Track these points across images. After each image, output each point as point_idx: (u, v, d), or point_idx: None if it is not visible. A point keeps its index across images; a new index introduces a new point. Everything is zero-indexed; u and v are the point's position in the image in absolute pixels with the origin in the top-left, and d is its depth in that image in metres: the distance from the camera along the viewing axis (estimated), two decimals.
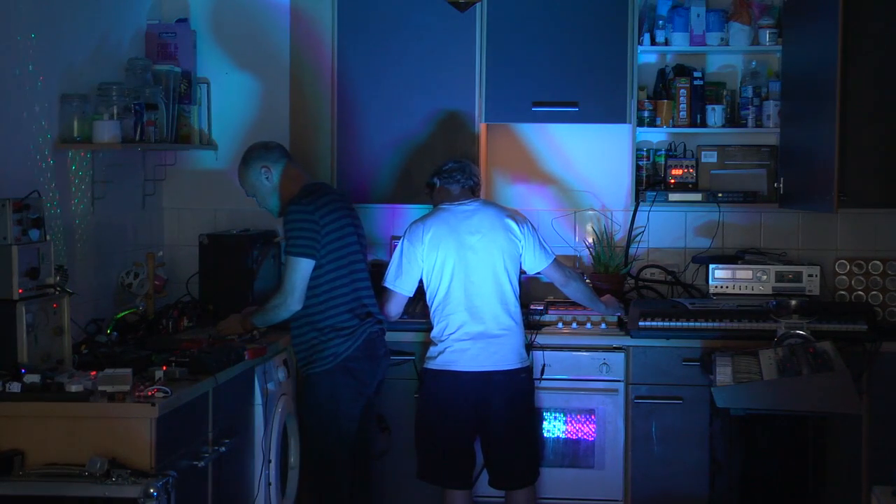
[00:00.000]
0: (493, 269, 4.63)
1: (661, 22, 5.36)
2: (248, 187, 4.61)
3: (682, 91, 5.36)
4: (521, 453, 4.72)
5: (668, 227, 5.56)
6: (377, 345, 4.60)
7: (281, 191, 4.55)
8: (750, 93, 5.38)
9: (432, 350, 4.67)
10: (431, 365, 4.65)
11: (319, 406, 4.50)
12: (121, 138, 4.51)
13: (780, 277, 5.30)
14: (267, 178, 4.55)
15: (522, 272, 4.77)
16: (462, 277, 4.61)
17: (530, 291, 5.37)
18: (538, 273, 4.81)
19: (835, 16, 4.76)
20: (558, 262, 4.83)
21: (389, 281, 4.73)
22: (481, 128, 5.31)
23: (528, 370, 4.74)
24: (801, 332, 4.72)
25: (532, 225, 4.77)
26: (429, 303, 4.72)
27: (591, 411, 5.00)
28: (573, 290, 4.88)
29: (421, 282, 4.73)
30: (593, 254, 5.46)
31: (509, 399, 4.62)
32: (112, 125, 4.48)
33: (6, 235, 3.72)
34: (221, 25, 5.56)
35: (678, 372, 4.95)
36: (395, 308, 4.77)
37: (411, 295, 4.75)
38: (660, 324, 4.96)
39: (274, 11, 5.51)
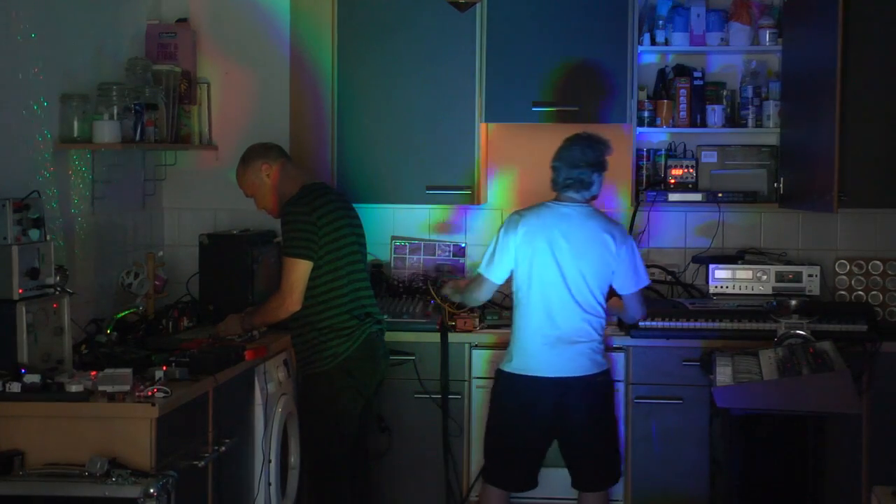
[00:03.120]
0: (578, 279, 4.43)
1: (661, 22, 5.36)
2: (247, 187, 4.60)
3: (682, 91, 5.36)
4: (602, 458, 4.59)
5: (668, 227, 5.56)
6: (376, 345, 4.59)
7: (280, 190, 4.54)
8: (750, 93, 5.37)
9: (508, 351, 4.53)
10: (507, 368, 4.51)
11: (319, 406, 4.50)
12: (121, 138, 4.51)
13: (780, 277, 5.30)
14: (267, 175, 4.53)
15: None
16: (546, 280, 4.44)
17: None
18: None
19: (835, 16, 4.77)
20: (641, 293, 4.64)
21: (482, 267, 4.57)
22: (481, 128, 5.31)
23: (605, 373, 4.55)
24: (801, 332, 4.72)
25: (633, 246, 4.55)
26: (513, 296, 4.57)
27: None
28: (625, 318, 4.77)
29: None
30: None
31: (588, 405, 4.48)
32: (112, 125, 4.48)
33: (6, 235, 3.71)
34: (221, 25, 5.56)
35: (678, 372, 4.95)
36: (484, 294, 4.61)
37: (501, 283, 4.57)
38: (660, 324, 4.96)
39: (274, 11, 5.51)
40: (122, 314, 4.66)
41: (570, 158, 4.49)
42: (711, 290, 5.33)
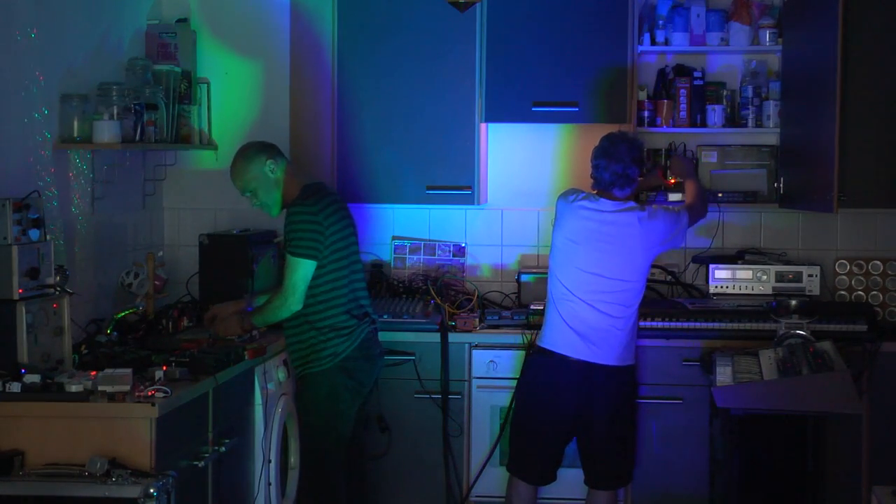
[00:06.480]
0: (614, 272, 4.49)
1: (661, 22, 5.36)
2: (247, 181, 4.46)
3: (682, 91, 5.36)
4: (617, 456, 4.62)
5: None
6: (373, 344, 4.59)
7: (283, 190, 4.51)
8: (750, 93, 5.38)
9: (543, 328, 4.62)
10: (539, 342, 4.61)
11: (318, 406, 4.49)
12: (121, 138, 4.51)
13: (780, 277, 5.30)
14: (271, 170, 4.47)
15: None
16: (583, 267, 4.50)
17: (531, 291, 5.36)
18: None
19: (835, 16, 4.77)
20: (690, 220, 4.67)
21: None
22: (481, 128, 5.30)
23: (630, 370, 4.61)
24: (801, 332, 4.72)
25: (664, 228, 4.55)
26: (549, 272, 4.63)
27: None
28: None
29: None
30: None
31: (611, 399, 4.53)
32: (112, 125, 4.48)
33: (6, 235, 3.71)
34: (221, 25, 5.56)
35: (678, 372, 4.95)
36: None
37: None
38: (660, 324, 4.96)
39: (274, 11, 5.51)
40: (122, 314, 4.67)
41: (618, 155, 4.55)
42: (711, 290, 5.33)
